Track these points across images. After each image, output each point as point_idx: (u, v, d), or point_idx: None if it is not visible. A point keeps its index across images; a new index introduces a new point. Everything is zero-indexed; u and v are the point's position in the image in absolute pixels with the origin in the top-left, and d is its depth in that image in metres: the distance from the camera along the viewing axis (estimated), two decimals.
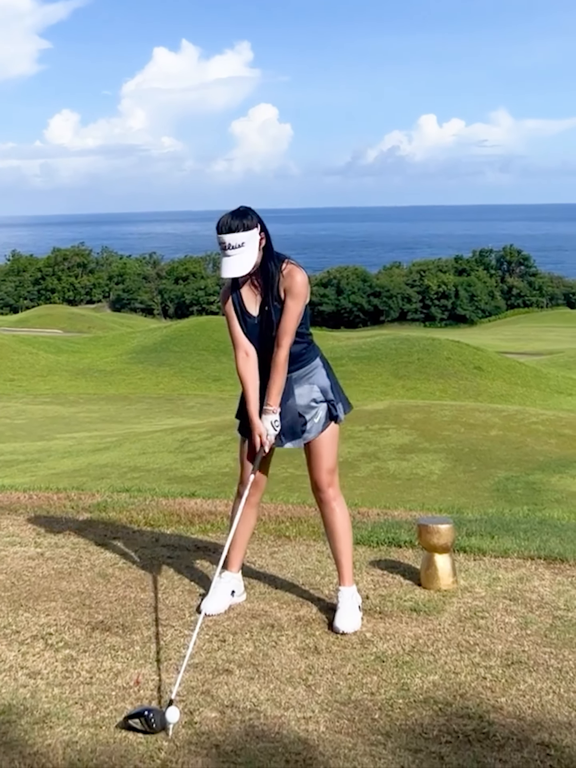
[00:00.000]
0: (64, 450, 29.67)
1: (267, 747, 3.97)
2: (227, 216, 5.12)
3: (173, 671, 4.71)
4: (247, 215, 5.12)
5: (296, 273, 5.17)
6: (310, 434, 5.41)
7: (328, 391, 5.43)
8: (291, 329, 5.22)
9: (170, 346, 68.81)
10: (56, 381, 60.74)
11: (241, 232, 5.06)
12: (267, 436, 5.30)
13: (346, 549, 5.54)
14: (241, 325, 5.34)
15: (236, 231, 5.06)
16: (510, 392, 55.37)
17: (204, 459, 25.60)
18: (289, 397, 5.38)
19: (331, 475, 5.46)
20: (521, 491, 21.65)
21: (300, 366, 5.38)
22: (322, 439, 5.42)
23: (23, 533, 7.26)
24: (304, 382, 5.40)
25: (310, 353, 5.44)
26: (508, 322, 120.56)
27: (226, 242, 5.06)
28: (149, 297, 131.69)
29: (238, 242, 5.05)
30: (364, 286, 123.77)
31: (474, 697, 4.45)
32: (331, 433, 5.45)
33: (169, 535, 7.24)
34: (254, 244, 5.09)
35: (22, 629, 5.28)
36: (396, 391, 55.46)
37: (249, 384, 5.34)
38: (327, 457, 5.45)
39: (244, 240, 5.06)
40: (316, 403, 5.40)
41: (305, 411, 5.39)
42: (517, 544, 6.80)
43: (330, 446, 5.46)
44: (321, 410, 5.41)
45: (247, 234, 5.07)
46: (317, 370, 5.45)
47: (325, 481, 5.45)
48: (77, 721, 4.20)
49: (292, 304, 5.18)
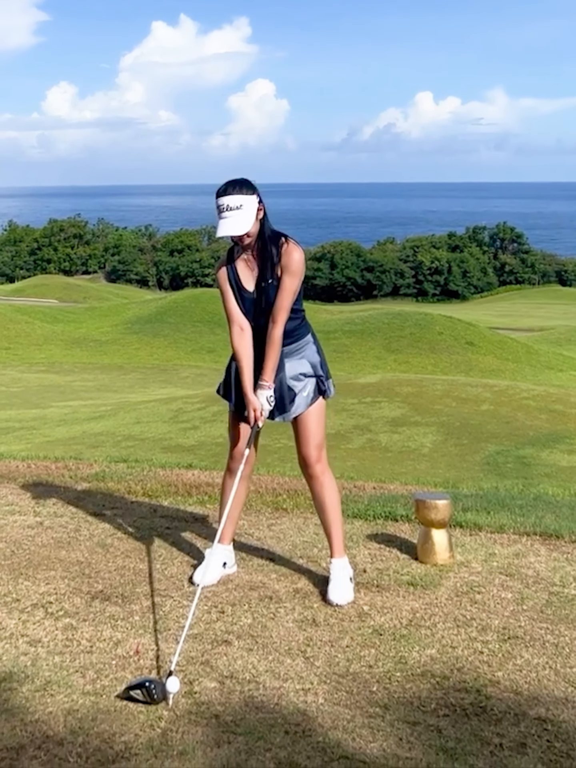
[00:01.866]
0: (59, 418, 29.66)
1: (266, 717, 4.00)
2: (227, 182, 5.15)
3: (172, 641, 4.75)
4: (247, 183, 5.15)
5: (294, 250, 5.18)
6: (299, 408, 5.42)
7: (317, 367, 5.46)
8: (287, 306, 5.23)
9: (165, 318, 68.69)
10: (52, 350, 60.65)
11: (240, 195, 5.08)
12: (261, 411, 5.32)
13: (336, 521, 5.55)
14: (237, 300, 5.35)
15: (236, 193, 5.08)
16: (501, 367, 55.38)
17: (198, 429, 25.62)
18: (279, 372, 5.39)
19: (319, 450, 5.48)
20: (511, 465, 21.70)
21: (292, 341, 5.39)
22: (310, 413, 5.44)
23: (22, 502, 7.30)
24: (295, 356, 5.42)
25: (303, 329, 5.45)
26: (500, 299, 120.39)
27: (224, 204, 5.07)
28: (144, 269, 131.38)
29: (236, 204, 5.06)
30: (357, 261, 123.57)
31: (471, 671, 4.48)
32: (319, 409, 5.47)
33: (166, 506, 7.28)
34: (252, 209, 5.10)
35: (22, 597, 5.32)
36: (388, 364, 55.43)
37: (243, 359, 5.34)
38: (315, 432, 5.46)
39: (242, 202, 5.06)
40: (305, 377, 5.42)
41: (294, 385, 5.41)
42: (513, 520, 6.84)
43: (318, 421, 5.47)
44: (310, 385, 5.43)
45: (245, 197, 5.08)
46: (308, 345, 5.47)
47: (313, 456, 5.46)
48: (78, 689, 4.24)
49: (288, 281, 5.19)
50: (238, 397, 5.50)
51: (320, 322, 59.37)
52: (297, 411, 5.43)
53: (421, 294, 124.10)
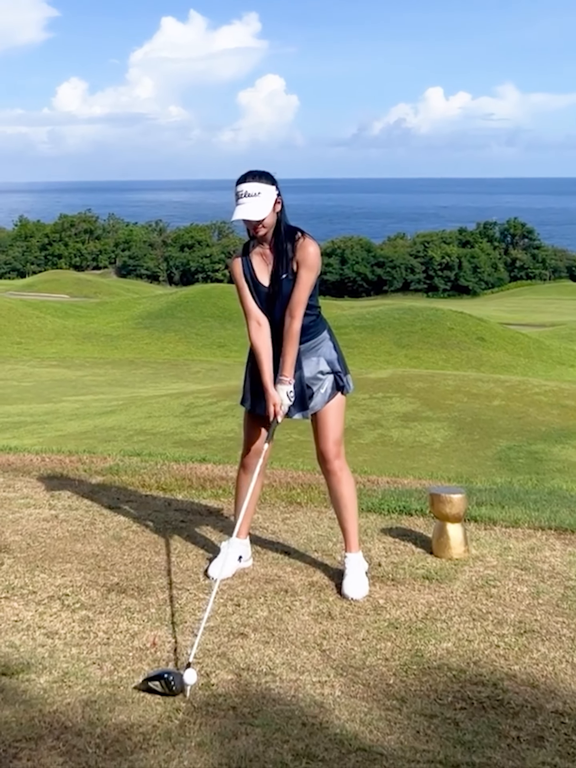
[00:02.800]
0: (71, 412, 29.73)
1: (283, 710, 4.01)
2: (248, 171, 5.16)
3: (189, 634, 4.76)
4: (267, 175, 5.16)
5: (310, 245, 5.17)
6: (317, 405, 5.42)
7: (334, 363, 5.45)
8: (303, 300, 5.22)
9: (176, 313, 68.79)
10: (63, 345, 60.80)
11: (260, 183, 5.09)
12: (281, 406, 5.31)
13: (352, 517, 5.56)
14: (252, 295, 5.34)
15: (256, 181, 5.09)
16: (512, 363, 55.39)
17: (209, 423, 25.68)
18: (297, 369, 5.38)
19: (337, 446, 5.47)
20: (523, 460, 21.72)
21: (309, 338, 5.39)
22: (328, 409, 5.44)
23: (37, 495, 7.31)
24: (312, 354, 5.41)
25: (319, 326, 5.45)
26: (510, 294, 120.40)
27: (243, 190, 5.08)
28: (155, 264, 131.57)
29: (254, 191, 5.06)
30: (368, 257, 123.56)
31: (488, 665, 4.48)
32: (338, 404, 5.47)
33: (181, 499, 7.28)
34: (270, 199, 5.09)
35: (39, 590, 5.33)
36: (399, 360, 55.46)
37: (263, 353, 5.33)
38: (333, 427, 5.46)
39: (260, 190, 5.07)
40: (323, 374, 5.42)
41: (312, 382, 5.40)
42: (528, 514, 6.83)
43: (336, 417, 5.47)
44: (327, 381, 5.43)
45: (264, 186, 5.09)
46: (325, 342, 5.46)
47: (332, 452, 5.46)
48: (95, 681, 4.24)
49: (305, 275, 5.18)
50: (255, 395, 5.51)
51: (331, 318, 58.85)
52: (315, 408, 5.43)
53: (431, 289, 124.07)
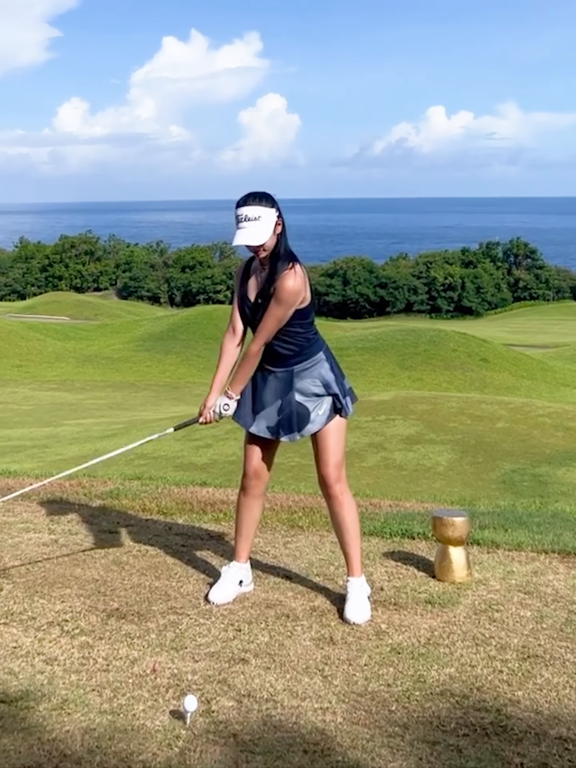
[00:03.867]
0: (71, 436, 29.72)
1: (285, 737, 3.97)
2: (248, 193, 5.16)
3: (189, 660, 4.72)
4: (267, 196, 5.15)
5: (287, 278, 5.11)
6: (314, 426, 5.39)
7: (331, 385, 5.40)
8: (268, 328, 5.21)
9: (177, 335, 68.81)
10: (63, 368, 60.84)
11: (259, 206, 5.08)
12: (211, 412, 5.40)
13: (354, 541, 5.52)
14: (240, 306, 5.38)
15: (255, 204, 5.08)
16: (516, 384, 55.34)
17: (211, 447, 25.64)
18: (288, 391, 5.37)
19: (338, 469, 5.44)
20: (528, 483, 21.67)
21: (303, 359, 5.36)
22: (328, 432, 5.41)
23: (37, 520, 7.28)
24: (306, 375, 5.38)
25: (313, 347, 5.41)
26: (514, 315, 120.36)
27: (242, 214, 5.07)
28: (156, 285, 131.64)
29: (254, 215, 5.06)
30: (370, 277, 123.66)
31: (491, 691, 4.45)
32: (338, 427, 5.44)
33: (181, 523, 7.25)
34: (270, 222, 5.09)
35: (38, 616, 5.29)
36: (402, 382, 55.43)
37: (223, 359, 5.44)
38: (334, 451, 5.43)
39: (260, 214, 5.06)
40: (318, 396, 5.38)
41: (306, 404, 5.37)
42: (531, 537, 6.80)
43: (337, 440, 5.44)
44: (326, 403, 5.39)
45: (264, 209, 5.08)
46: (320, 363, 5.42)
47: (332, 476, 5.42)
48: (95, 708, 4.20)
49: (274, 307, 5.16)
50: (245, 414, 5.49)
51: (333, 339, 59.33)
52: (312, 429, 5.40)
53: (434, 310, 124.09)
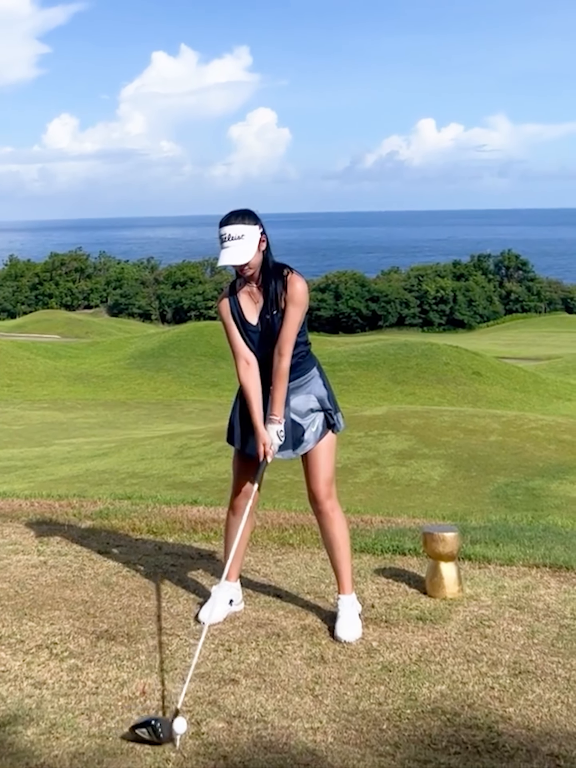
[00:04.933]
0: (62, 456, 29.64)
1: (275, 758, 3.94)
2: (230, 212, 5.15)
3: (179, 681, 4.69)
4: (250, 214, 5.14)
5: (297, 281, 5.15)
6: (309, 444, 5.37)
7: (324, 401, 5.39)
8: (291, 337, 5.18)
9: (168, 352, 68.74)
10: (54, 386, 60.69)
11: (243, 225, 5.07)
12: (271, 446, 5.24)
13: (345, 558, 5.49)
14: (241, 334, 5.31)
15: (239, 223, 5.08)
16: (509, 398, 55.36)
17: (203, 465, 25.59)
18: (285, 407, 5.34)
19: (328, 486, 5.40)
20: (521, 497, 21.64)
21: (298, 375, 5.34)
22: (320, 448, 5.38)
23: (26, 541, 7.24)
24: (301, 391, 5.36)
25: (308, 363, 5.40)
26: (506, 327, 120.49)
27: (226, 233, 5.07)
28: (147, 302, 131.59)
29: (238, 234, 5.05)
30: (362, 291, 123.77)
31: (482, 707, 4.42)
32: (329, 443, 5.41)
33: (172, 543, 7.22)
34: (254, 240, 5.08)
35: (27, 638, 5.25)
36: (394, 396, 55.43)
37: (252, 393, 5.27)
38: (325, 467, 5.40)
39: (243, 232, 5.06)
40: (313, 412, 5.37)
41: (302, 420, 5.35)
42: (522, 551, 6.78)
43: (328, 456, 5.41)
44: (318, 419, 5.38)
45: (247, 227, 5.07)
46: (314, 379, 5.41)
47: (323, 492, 5.39)
48: (84, 732, 4.17)
49: (293, 312, 5.15)
50: (244, 435, 5.45)
51: (325, 354, 59.40)
52: (306, 447, 5.37)
53: (426, 324, 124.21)
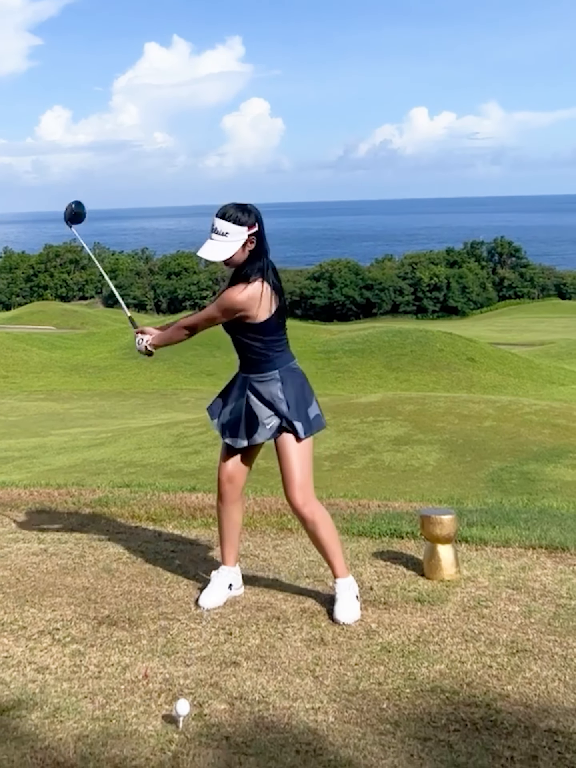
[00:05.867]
0: (59, 446, 29.63)
1: (277, 738, 3.99)
2: (230, 204, 5.12)
3: (181, 664, 4.73)
4: (247, 211, 5.10)
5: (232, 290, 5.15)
6: (259, 438, 5.37)
7: (276, 406, 5.33)
8: (197, 317, 5.47)
9: None
10: (50, 377, 60.62)
11: (230, 223, 5.05)
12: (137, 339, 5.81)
13: (335, 550, 5.47)
14: None
15: (227, 220, 5.06)
16: (503, 383, 55.39)
17: (200, 453, 25.59)
18: (241, 396, 5.40)
19: (303, 491, 5.31)
20: (516, 481, 21.67)
21: (257, 371, 5.36)
22: (288, 452, 5.33)
23: (26, 529, 7.28)
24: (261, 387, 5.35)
25: (268, 364, 5.33)
26: (499, 314, 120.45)
27: (214, 225, 5.08)
28: (142, 292, 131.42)
29: (223, 230, 5.05)
30: (356, 279, 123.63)
31: (480, 686, 4.47)
32: (299, 450, 5.34)
33: (171, 529, 7.26)
34: (237, 240, 5.07)
35: (29, 625, 5.30)
36: (389, 383, 55.44)
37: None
38: (297, 472, 5.33)
39: (229, 231, 5.04)
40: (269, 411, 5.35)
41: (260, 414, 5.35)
42: (518, 533, 6.83)
43: (299, 460, 5.34)
44: (275, 420, 5.34)
45: (234, 227, 5.05)
46: (272, 382, 5.34)
47: (297, 499, 5.32)
48: (87, 715, 4.22)
49: (209, 306, 5.31)
50: (222, 423, 5.56)
51: (320, 342, 59.44)
52: (257, 440, 5.38)
53: (420, 311, 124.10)
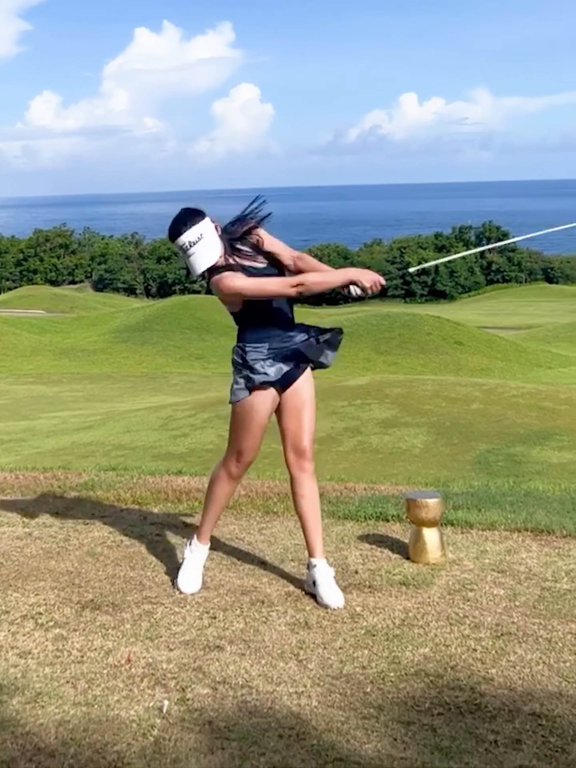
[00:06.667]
0: (48, 429, 29.64)
1: (260, 722, 3.97)
2: (174, 223, 5.04)
3: (164, 648, 4.71)
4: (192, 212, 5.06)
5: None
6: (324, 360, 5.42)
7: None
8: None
9: (153, 325, 68.63)
10: (40, 361, 60.61)
11: (193, 227, 4.99)
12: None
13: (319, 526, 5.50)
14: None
15: (189, 228, 4.99)
16: (490, 366, 55.53)
17: (188, 436, 25.59)
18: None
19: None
20: (502, 463, 21.75)
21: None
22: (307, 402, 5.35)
23: (10, 513, 7.24)
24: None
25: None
26: (487, 297, 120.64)
27: (184, 243, 4.99)
28: (132, 277, 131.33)
29: (195, 237, 4.98)
30: (345, 263, 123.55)
31: (465, 669, 4.46)
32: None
33: (156, 513, 7.23)
34: (212, 232, 5.03)
35: (12, 609, 5.26)
36: (377, 366, 55.51)
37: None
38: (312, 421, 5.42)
39: (200, 231, 4.99)
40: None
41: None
42: (504, 516, 6.81)
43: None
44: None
45: (198, 226, 5.00)
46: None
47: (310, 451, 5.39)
48: (69, 700, 4.19)
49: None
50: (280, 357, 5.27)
51: None
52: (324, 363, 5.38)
53: (409, 295, 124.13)
